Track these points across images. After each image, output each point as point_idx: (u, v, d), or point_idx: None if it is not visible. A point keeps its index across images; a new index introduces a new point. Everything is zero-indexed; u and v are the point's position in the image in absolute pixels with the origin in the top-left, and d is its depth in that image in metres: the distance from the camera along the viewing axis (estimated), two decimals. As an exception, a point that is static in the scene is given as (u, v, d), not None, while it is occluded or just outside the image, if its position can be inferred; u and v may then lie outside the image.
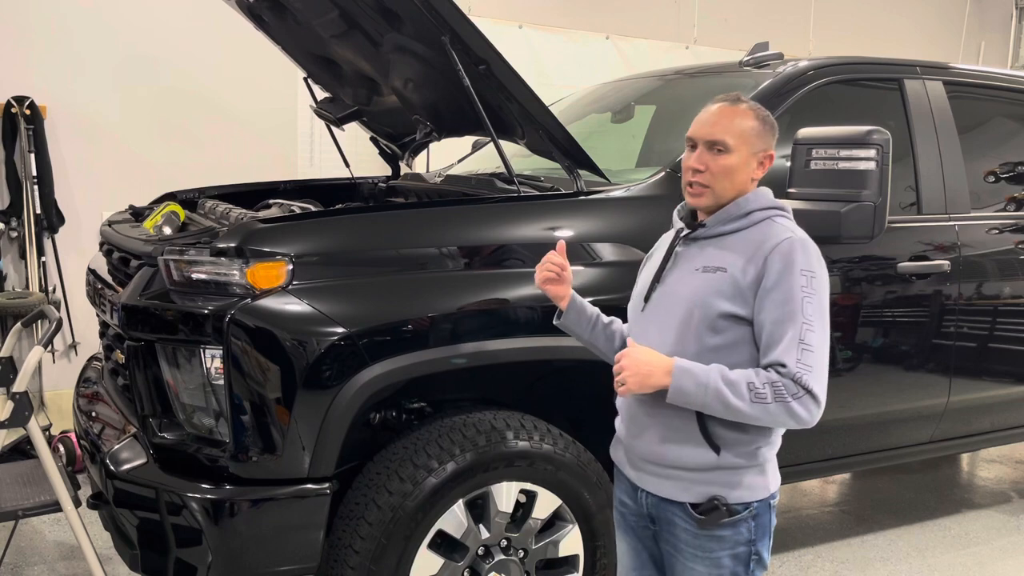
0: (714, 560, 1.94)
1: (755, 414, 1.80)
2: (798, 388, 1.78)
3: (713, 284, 1.90)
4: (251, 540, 2.42)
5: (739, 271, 1.88)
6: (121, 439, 2.67)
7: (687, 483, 1.94)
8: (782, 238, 1.89)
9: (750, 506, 1.93)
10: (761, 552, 1.97)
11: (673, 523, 1.98)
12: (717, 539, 1.93)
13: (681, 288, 1.96)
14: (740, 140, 1.93)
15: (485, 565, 2.64)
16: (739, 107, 1.96)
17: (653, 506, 2.02)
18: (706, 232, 1.97)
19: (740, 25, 7.41)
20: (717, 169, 1.93)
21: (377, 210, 3.13)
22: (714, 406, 1.82)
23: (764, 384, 1.79)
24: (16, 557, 3.57)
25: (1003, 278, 3.60)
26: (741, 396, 1.79)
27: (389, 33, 2.99)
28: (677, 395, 1.83)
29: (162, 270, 2.54)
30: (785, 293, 1.83)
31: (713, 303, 1.88)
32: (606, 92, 4.16)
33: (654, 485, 2.00)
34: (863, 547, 3.95)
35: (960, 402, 3.56)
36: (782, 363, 1.80)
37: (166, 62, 5.49)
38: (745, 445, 1.92)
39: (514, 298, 2.59)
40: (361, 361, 2.41)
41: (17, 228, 5.14)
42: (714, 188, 1.94)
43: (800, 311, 1.82)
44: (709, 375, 1.81)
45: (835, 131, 2.74)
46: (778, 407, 1.78)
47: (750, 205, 1.95)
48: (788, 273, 1.84)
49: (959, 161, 3.54)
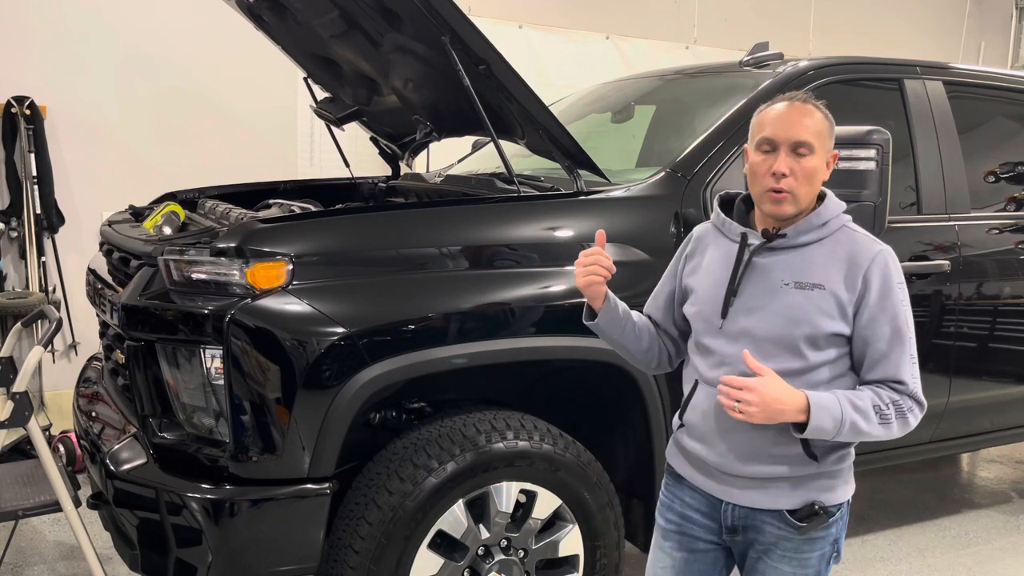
0: (802, 560, 1.94)
1: (880, 433, 1.83)
2: (913, 403, 1.85)
3: (815, 302, 1.84)
4: (251, 540, 2.42)
5: (839, 288, 1.85)
6: (121, 439, 2.67)
7: (785, 491, 1.91)
8: (875, 251, 1.87)
9: (841, 506, 1.95)
10: (841, 549, 1.99)
11: (762, 530, 1.94)
12: (811, 541, 1.93)
13: (773, 304, 1.87)
14: (819, 141, 1.86)
15: (485, 565, 2.64)
16: (810, 105, 1.89)
17: (741, 517, 1.95)
18: (787, 242, 1.89)
19: (740, 25, 7.41)
20: (802, 173, 1.84)
21: (377, 210, 3.13)
22: (847, 436, 1.82)
23: (888, 404, 1.82)
24: (16, 557, 3.57)
25: (1003, 278, 3.60)
26: (871, 421, 1.81)
27: (389, 33, 2.99)
28: (815, 433, 1.80)
29: (162, 270, 2.54)
30: (891, 310, 1.84)
31: (819, 322, 1.84)
32: (606, 92, 4.16)
33: (747, 498, 1.93)
34: (863, 547, 3.95)
35: (960, 402, 3.56)
36: (900, 380, 1.84)
37: (166, 62, 5.49)
38: (839, 450, 1.93)
39: (514, 298, 2.59)
40: (361, 361, 2.41)
41: (17, 228, 5.14)
42: (797, 193, 1.85)
43: (906, 325, 1.85)
44: (843, 409, 1.79)
45: (835, 131, 2.73)
46: (899, 423, 1.84)
47: (828, 214, 1.91)
48: (889, 289, 1.85)
49: (959, 161, 3.54)
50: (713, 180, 2.93)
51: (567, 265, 2.66)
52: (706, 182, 2.93)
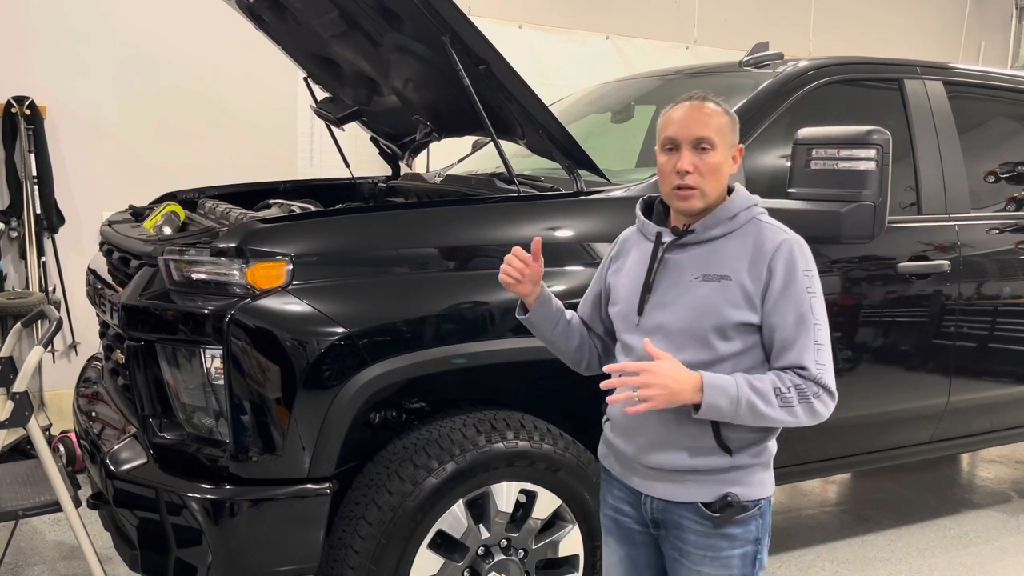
0: (724, 560, 1.94)
1: (782, 418, 1.84)
2: (818, 388, 1.84)
3: (722, 293, 1.89)
4: (251, 540, 2.42)
5: (745, 278, 1.89)
6: (121, 439, 2.67)
7: (700, 484, 1.94)
8: (779, 240, 1.90)
9: (759, 503, 1.95)
10: (764, 550, 1.99)
11: (681, 526, 1.97)
12: (728, 537, 1.94)
13: (683, 298, 1.93)
14: (720, 136, 1.92)
15: (485, 565, 2.64)
16: (709, 104, 1.96)
17: (659, 510, 1.99)
18: (696, 238, 1.95)
19: (740, 25, 7.41)
20: (706, 168, 1.91)
21: (377, 210, 3.13)
22: (745, 417, 1.83)
23: (789, 388, 1.83)
24: (16, 557, 3.57)
25: (1003, 278, 3.60)
26: (770, 403, 1.82)
27: (389, 33, 2.99)
28: (709, 412, 1.82)
29: (162, 270, 2.54)
30: (794, 296, 1.86)
31: (726, 312, 1.88)
32: (606, 92, 4.16)
33: (663, 490, 1.97)
34: (863, 547, 3.95)
35: (960, 402, 3.56)
36: (802, 366, 1.84)
37: (166, 62, 5.49)
38: (755, 445, 1.94)
39: (513, 298, 2.58)
40: (361, 361, 2.41)
41: (17, 228, 5.14)
42: (703, 189, 1.92)
43: (810, 312, 1.87)
44: (739, 388, 1.81)
45: (835, 131, 2.74)
46: (803, 408, 1.83)
47: (736, 207, 1.95)
48: (793, 276, 1.87)
49: (959, 161, 3.54)
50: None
51: (567, 265, 2.66)
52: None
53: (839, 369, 3.17)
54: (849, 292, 3.21)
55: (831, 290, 3.17)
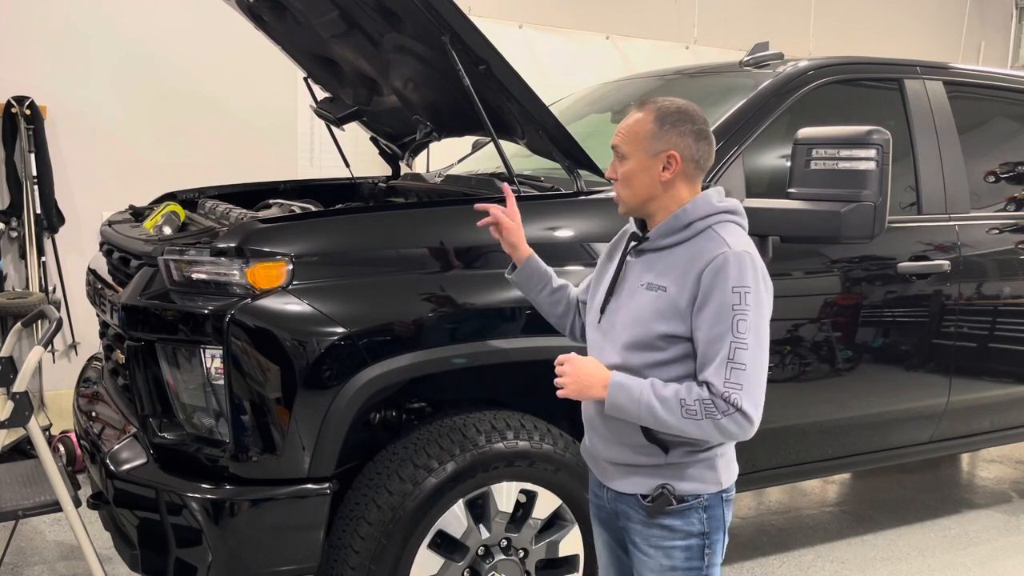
0: (666, 551, 1.99)
1: (686, 428, 1.84)
2: (728, 406, 1.80)
3: (653, 303, 1.91)
4: (251, 540, 2.42)
5: (676, 290, 1.89)
6: (121, 439, 2.67)
7: (642, 477, 1.99)
8: (715, 254, 1.86)
9: (699, 497, 1.97)
10: (715, 546, 2.01)
11: (629, 516, 2.04)
12: (668, 529, 1.98)
13: (630, 303, 1.98)
14: (633, 146, 1.95)
15: (485, 565, 2.64)
16: (639, 112, 1.97)
17: (613, 500, 2.08)
18: (650, 245, 1.98)
19: (740, 25, 7.41)
20: (620, 177, 1.98)
21: (377, 210, 3.13)
22: (647, 420, 1.87)
23: (695, 401, 1.82)
24: (16, 557, 3.57)
25: (1003, 278, 3.60)
26: (672, 411, 1.83)
27: (389, 33, 2.99)
28: (613, 408, 1.90)
29: (162, 270, 2.54)
30: (716, 312, 1.83)
31: (651, 324, 1.91)
32: (606, 92, 4.16)
33: (616, 483, 2.05)
34: (863, 547, 3.95)
35: (960, 402, 3.56)
36: (708, 382, 1.83)
37: (166, 62, 5.49)
38: (692, 444, 1.95)
39: (514, 298, 2.58)
40: (361, 361, 2.41)
41: (17, 228, 5.14)
42: (621, 195, 1.99)
43: (731, 330, 1.82)
44: (643, 391, 1.86)
45: (835, 131, 2.74)
46: (708, 423, 1.82)
47: (688, 216, 1.94)
48: (720, 291, 1.83)
49: (959, 161, 3.54)
50: (712, 180, 2.93)
51: (568, 265, 2.66)
52: (705, 182, 2.92)
53: (840, 369, 3.23)
54: (849, 292, 3.21)
55: (831, 290, 3.17)
